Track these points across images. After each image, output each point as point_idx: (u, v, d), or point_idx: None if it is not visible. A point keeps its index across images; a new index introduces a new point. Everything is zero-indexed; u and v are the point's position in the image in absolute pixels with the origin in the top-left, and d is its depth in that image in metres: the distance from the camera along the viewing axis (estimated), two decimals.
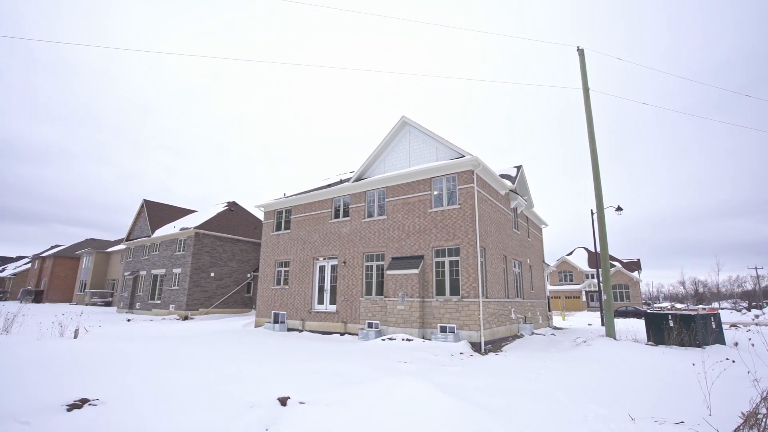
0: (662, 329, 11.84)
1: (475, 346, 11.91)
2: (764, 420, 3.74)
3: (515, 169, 19.21)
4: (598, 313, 42.49)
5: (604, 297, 13.33)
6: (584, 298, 53.40)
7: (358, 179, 16.65)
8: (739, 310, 41.29)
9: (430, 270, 13.65)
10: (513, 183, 17.30)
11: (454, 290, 13.07)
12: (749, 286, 67.27)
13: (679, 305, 41.29)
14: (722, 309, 40.53)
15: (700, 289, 70.88)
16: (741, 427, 3.82)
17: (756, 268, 56.66)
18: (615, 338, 12.48)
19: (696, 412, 4.65)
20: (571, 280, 55.71)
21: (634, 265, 56.68)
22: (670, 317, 11.91)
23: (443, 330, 12.76)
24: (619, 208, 22.98)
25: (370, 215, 15.97)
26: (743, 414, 3.95)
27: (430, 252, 13.81)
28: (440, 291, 13.38)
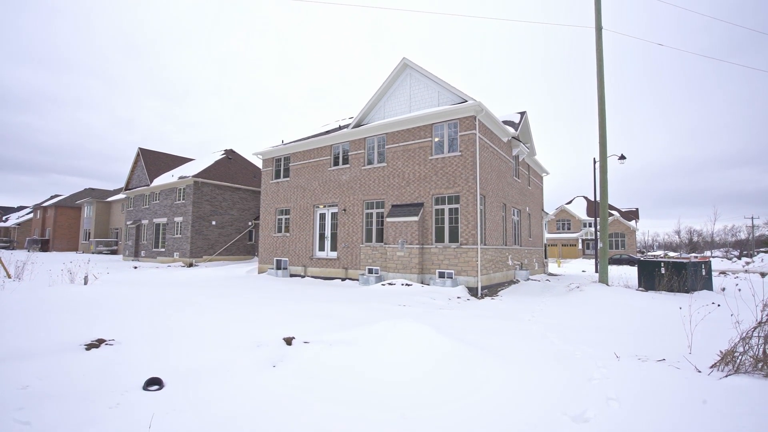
0: (653, 276, 12.20)
1: (472, 291, 12.36)
2: (740, 357, 3.98)
3: (518, 115, 18.65)
4: (593, 260, 43.61)
5: (600, 245, 13.58)
6: (580, 246, 54.55)
7: (357, 125, 16.25)
8: (730, 259, 42.31)
9: (430, 217, 13.78)
10: (516, 130, 16.90)
11: (453, 237, 13.30)
12: (743, 236, 68.36)
13: (672, 253, 42.25)
14: (714, 257, 41.56)
15: (695, 239, 72.06)
16: (718, 364, 4.07)
17: (752, 217, 57.40)
18: (607, 284, 12.89)
19: (678, 351, 4.94)
20: (569, 229, 56.53)
21: (632, 215, 57.15)
22: (661, 264, 12.23)
23: (442, 275, 13.16)
24: (622, 157, 22.69)
25: (370, 162, 15.80)
26: (721, 352, 4.20)
27: (429, 199, 13.85)
28: (439, 238, 13.62)
